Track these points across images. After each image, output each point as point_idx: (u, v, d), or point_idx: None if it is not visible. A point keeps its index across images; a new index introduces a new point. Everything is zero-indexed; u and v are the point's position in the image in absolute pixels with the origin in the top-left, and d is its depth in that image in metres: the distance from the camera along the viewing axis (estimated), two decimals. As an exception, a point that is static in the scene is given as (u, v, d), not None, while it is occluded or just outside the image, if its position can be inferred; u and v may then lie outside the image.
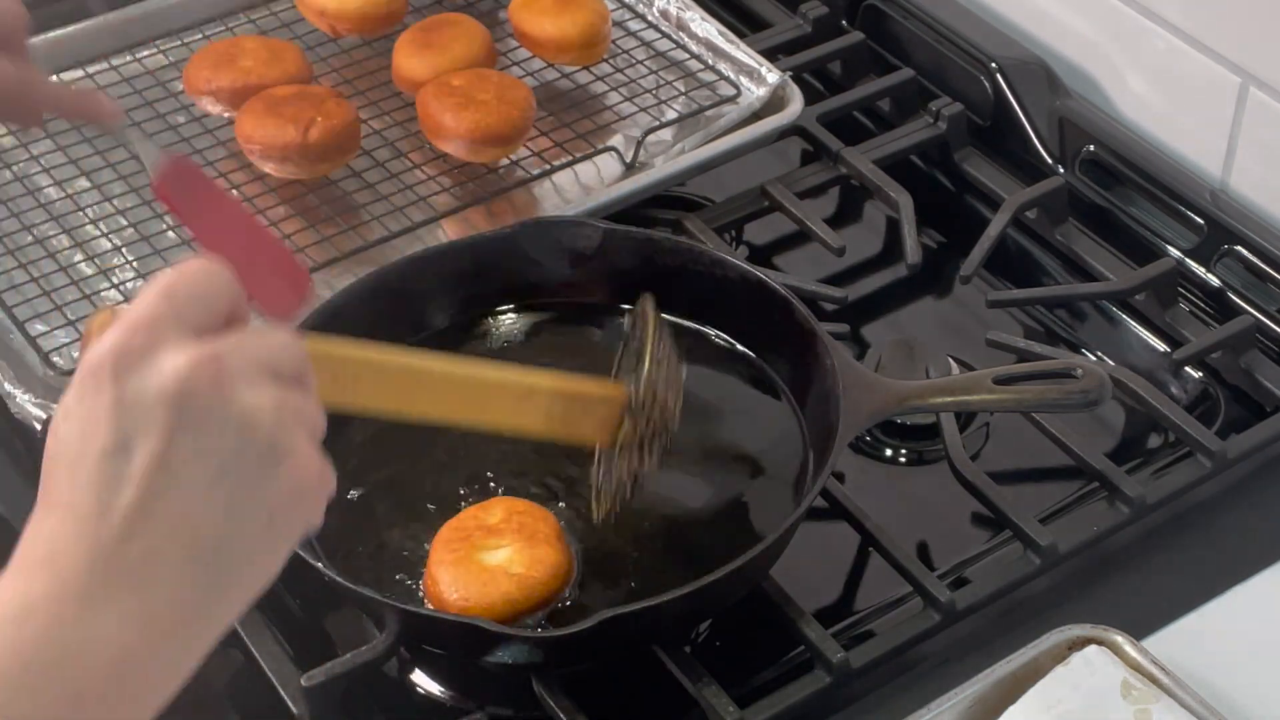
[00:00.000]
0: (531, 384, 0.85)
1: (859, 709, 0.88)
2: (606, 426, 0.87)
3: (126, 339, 0.60)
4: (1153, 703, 0.81)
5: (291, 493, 0.63)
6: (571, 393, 0.86)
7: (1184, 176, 1.15)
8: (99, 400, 0.60)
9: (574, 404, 0.86)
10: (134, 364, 0.60)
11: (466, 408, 0.83)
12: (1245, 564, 0.95)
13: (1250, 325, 1.07)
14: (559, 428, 0.86)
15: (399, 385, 0.79)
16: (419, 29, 1.19)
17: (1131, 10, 1.17)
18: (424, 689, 0.91)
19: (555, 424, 0.86)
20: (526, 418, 0.85)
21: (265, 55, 1.16)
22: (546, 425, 0.85)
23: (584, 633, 0.81)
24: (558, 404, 0.85)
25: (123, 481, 0.59)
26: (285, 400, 0.63)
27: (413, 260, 1.01)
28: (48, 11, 1.29)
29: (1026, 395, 0.92)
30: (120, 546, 0.59)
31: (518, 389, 0.84)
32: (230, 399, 0.61)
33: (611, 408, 0.87)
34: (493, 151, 1.12)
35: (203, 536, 0.60)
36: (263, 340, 0.64)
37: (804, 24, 1.30)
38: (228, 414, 0.61)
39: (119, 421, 0.60)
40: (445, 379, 0.81)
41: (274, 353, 0.64)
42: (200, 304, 0.63)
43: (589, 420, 0.87)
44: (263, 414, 0.62)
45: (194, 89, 1.16)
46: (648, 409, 0.87)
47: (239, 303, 0.65)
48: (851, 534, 0.94)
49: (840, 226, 1.17)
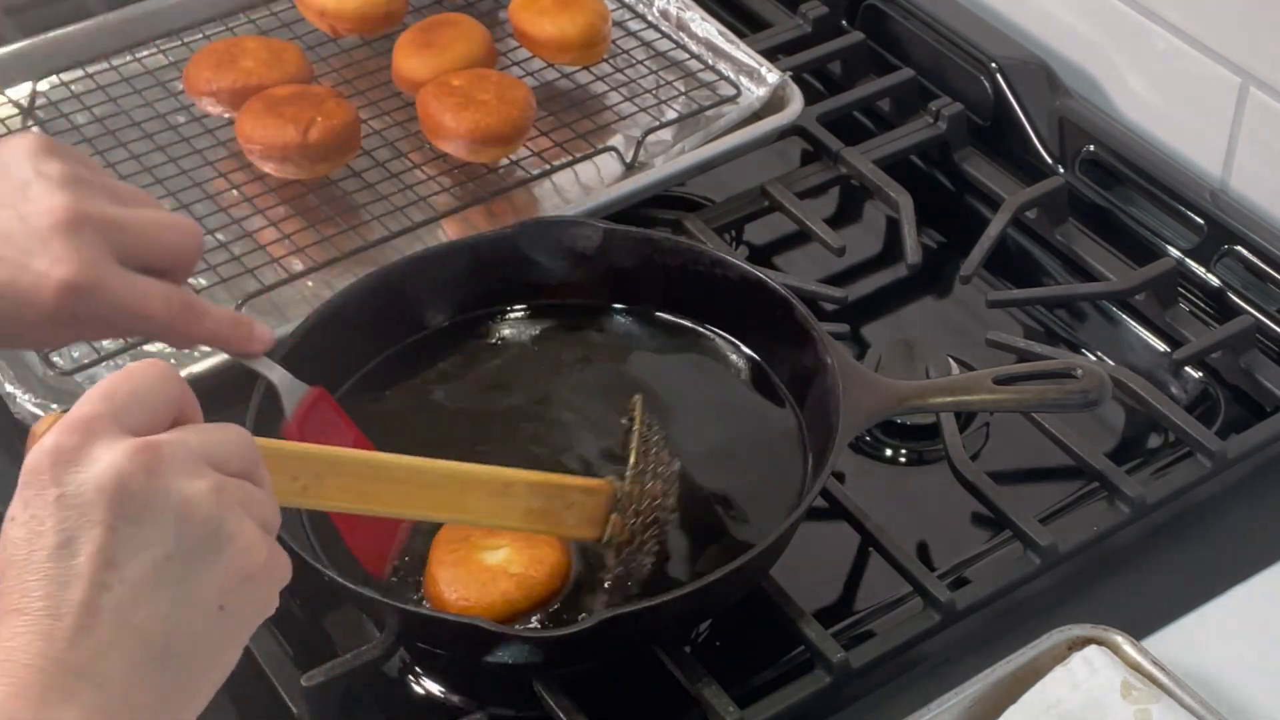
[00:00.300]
0: (508, 479, 0.83)
1: (859, 709, 0.88)
2: (593, 522, 0.86)
3: (64, 438, 0.62)
4: (1153, 703, 0.81)
5: (238, 577, 0.63)
6: (551, 487, 0.85)
7: (1184, 176, 1.15)
8: (41, 500, 0.61)
9: (554, 499, 0.84)
10: (72, 461, 0.61)
11: (439, 504, 0.81)
12: (1245, 564, 0.95)
13: (1250, 325, 1.07)
14: (539, 523, 0.85)
15: (365, 483, 0.77)
16: (419, 29, 1.19)
17: (1131, 10, 1.17)
18: (424, 689, 0.91)
19: (535, 519, 0.84)
20: (504, 514, 0.83)
21: (265, 55, 1.16)
22: (525, 521, 0.84)
23: (584, 633, 0.81)
24: (537, 499, 0.84)
25: (71, 579, 0.60)
26: (225, 486, 0.64)
27: (413, 260, 1.01)
28: (48, 11, 1.29)
29: (1026, 395, 0.92)
30: (72, 646, 0.59)
31: (493, 484, 0.83)
32: (167, 487, 0.62)
33: (596, 502, 0.86)
34: (493, 151, 1.12)
35: (152, 630, 0.61)
36: (207, 435, 0.65)
37: (804, 24, 1.30)
38: (165, 502, 0.62)
39: (61, 519, 0.60)
40: (414, 475, 0.80)
41: (217, 446, 0.65)
42: (141, 405, 0.64)
43: (572, 514, 0.85)
44: (201, 499, 0.62)
45: (194, 89, 1.16)
46: (636, 502, 0.86)
47: (186, 405, 0.66)
48: (851, 534, 0.94)
49: (840, 226, 1.17)
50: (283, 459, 0.73)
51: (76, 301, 0.79)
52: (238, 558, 0.63)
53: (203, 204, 1.12)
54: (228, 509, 0.63)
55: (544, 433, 0.97)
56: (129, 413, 0.63)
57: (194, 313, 0.83)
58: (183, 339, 0.84)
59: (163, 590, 0.61)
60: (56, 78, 1.21)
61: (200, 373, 0.99)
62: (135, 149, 1.16)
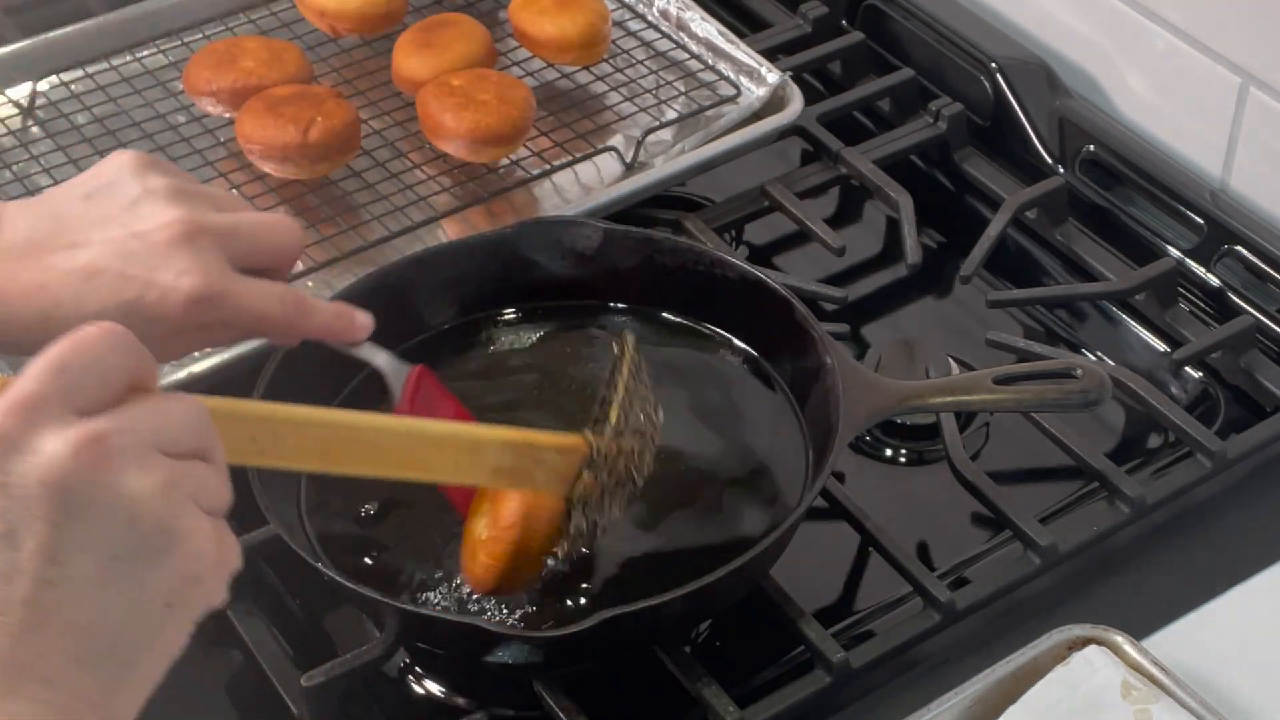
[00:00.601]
0: (479, 438, 0.82)
1: (859, 709, 0.88)
2: (563, 479, 0.83)
3: (7, 422, 0.59)
4: (1153, 703, 0.81)
5: (186, 578, 0.62)
6: (521, 444, 0.82)
7: (1184, 176, 1.15)
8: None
9: (525, 457, 0.82)
10: (15, 448, 0.59)
11: (406, 463, 0.79)
12: (1245, 564, 0.95)
13: (1250, 325, 1.07)
14: (507, 480, 0.83)
15: (326, 442, 0.75)
16: (419, 29, 1.19)
17: (1131, 10, 1.17)
18: (424, 689, 0.91)
19: (503, 477, 0.82)
20: (473, 471, 0.82)
21: (265, 55, 1.16)
22: (493, 479, 0.83)
23: (584, 633, 0.81)
24: (508, 457, 0.82)
25: (14, 574, 0.59)
26: (176, 479, 0.62)
27: (413, 260, 1.01)
28: (48, 11, 1.29)
29: (1026, 395, 0.92)
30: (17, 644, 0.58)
31: (463, 443, 0.81)
32: (113, 485, 0.60)
33: (569, 460, 0.83)
34: (493, 151, 1.12)
35: (97, 630, 0.60)
36: (157, 414, 0.63)
37: (804, 24, 1.30)
38: (112, 501, 0.60)
39: (4, 509, 0.59)
40: (379, 435, 0.78)
41: (168, 428, 0.63)
42: (92, 379, 0.61)
43: (542, 472, 0.83)
44: (150, 499, 0.61)
45: (194, 90, 1.16)
46: (611, 461, 0.84)
47: (142, 369, 0.63)
48: (851, 534, 0.94)
49: (840, 226, 1.17)
50: (240, 421, 0.72)
51: (203, 311, 0.80)
52: (186, 561, 0.62)
53: (203, 204, 1.12)
54: (178, 507, 0.62)
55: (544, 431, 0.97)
56: (78, 390, 0.61)
57: (306, 308, 0.85)
58: (295, 335, 0.86)
59: (108, 589, 0.60)
60: (56, 78, 1.21)
61: (201, 372, 0.99)
62: (135, 149, 1.15)
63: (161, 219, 0.80)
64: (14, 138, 1.17)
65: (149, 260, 0.79)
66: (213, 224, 0.82)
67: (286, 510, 0.89)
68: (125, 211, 0.81)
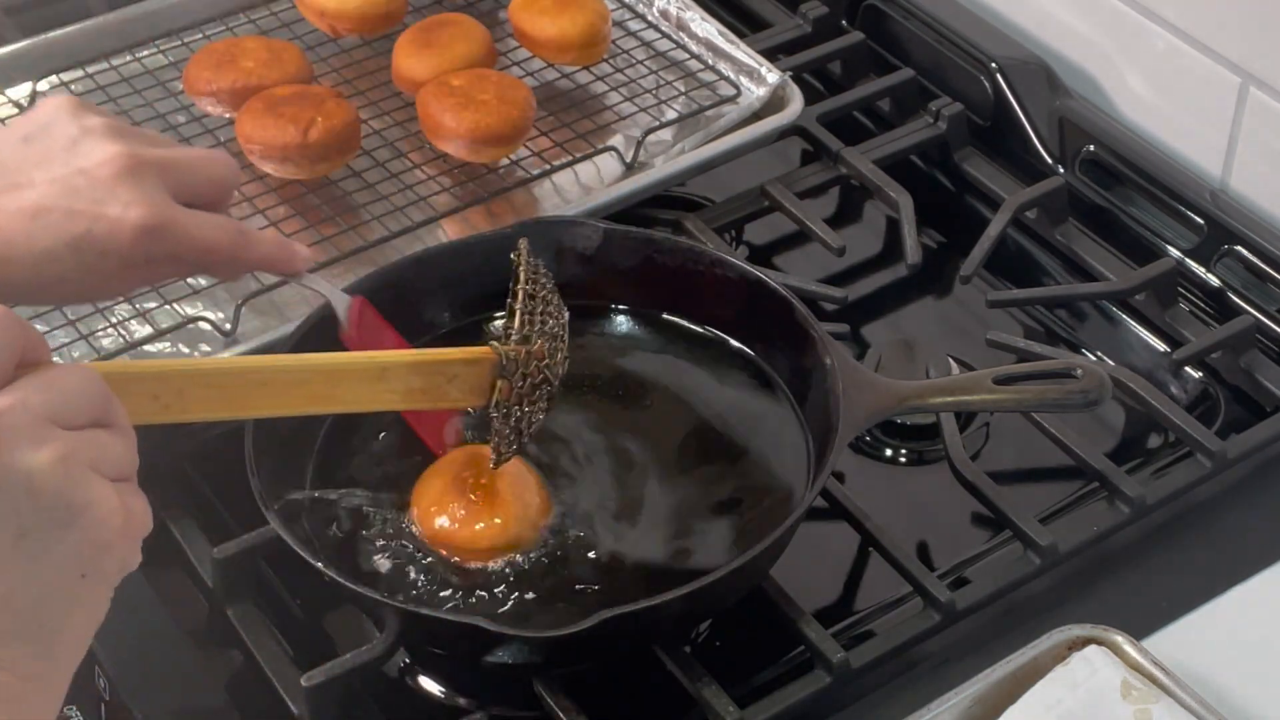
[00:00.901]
0: (384, 362, 0.83)
1: (859, 709, 0.88)
2: (478, 390, 0.85)
3: None
4: (1153, 703, 0.81)
5: (96, 545, 0.63)
6: (429, 363, 0.84)
7: (1184, 176, 1.15)
8: None
9: (435, 375, 0.84)
10: None
11: (314, 399, 0.81)
12: (1245, 564, 0.95)
13: (1250, 325, 1.07)
14: (421, 401, 0.84)
15: (231, 390, 0.77)
16: (419, 29, 1.19)
17: (1131, 10, 1.17)
18: (424, 689, 0.91)
19: (416, 398, 0.84)
20: (384, 397, 0.83)
21: (265, 56, 1.15)
22: (407, 400, 0.84)
23: (584, 633, 0.81)
24: (416, 378, 0.83)
25: None
26: (73, 451, 0.62)
27: (413, 260, 1.01)
28: (48, 11, 1.29)
29: (1026, 395, 0.92)
30: None
31: (368, 371, 0.83)
32: (10, 465, 0.61)
33: (479, 370, 0.85)
34: (493, 151, 1.12)
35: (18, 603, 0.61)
36: (49, 388, 0.63)
37: (804, 24, 1.30)
38: (10, 480, 0.61)
39: None
40: (280, 374, 0.79)
41: (63, 400, 0.63)
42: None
43: (455, 387, 0.84)
44: (48, 473, 0.61)
45: (194, 90, 1.16)
46: (522, 365, 0.85)
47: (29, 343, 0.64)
48: (851, 534, 0.94)
49: (840, 226, 1.17)
50: (138, 381, 0.73)
51: (151, 242, 0.81)
52: (92, 529, 0.63)
53: (203, 204, 1.12)
54: (77, 478, 0.62)
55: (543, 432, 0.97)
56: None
57: (249, 239, 0.86)
58: (241, 267, 0.87)
59: (19, 566, 0.61)
60: (56, 78, 1.20)
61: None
62: (135, 149, 1.15)
63: (103, 154, 0.82)
64: (14, 138, 1.17)
65: (94, 194, 0.81)
66: (153, 157, 0.83)
67: (286, 511, 0.89)
68: (65, 151, 0.82)
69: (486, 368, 0.85)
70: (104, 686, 0.89)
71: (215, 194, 0.87)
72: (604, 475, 0.94)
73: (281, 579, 0.94)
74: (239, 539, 0.91)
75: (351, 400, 0.83)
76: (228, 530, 0.93)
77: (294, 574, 0.93)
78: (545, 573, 0.89)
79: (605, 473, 0.94)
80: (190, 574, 0.93)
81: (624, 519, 0.92)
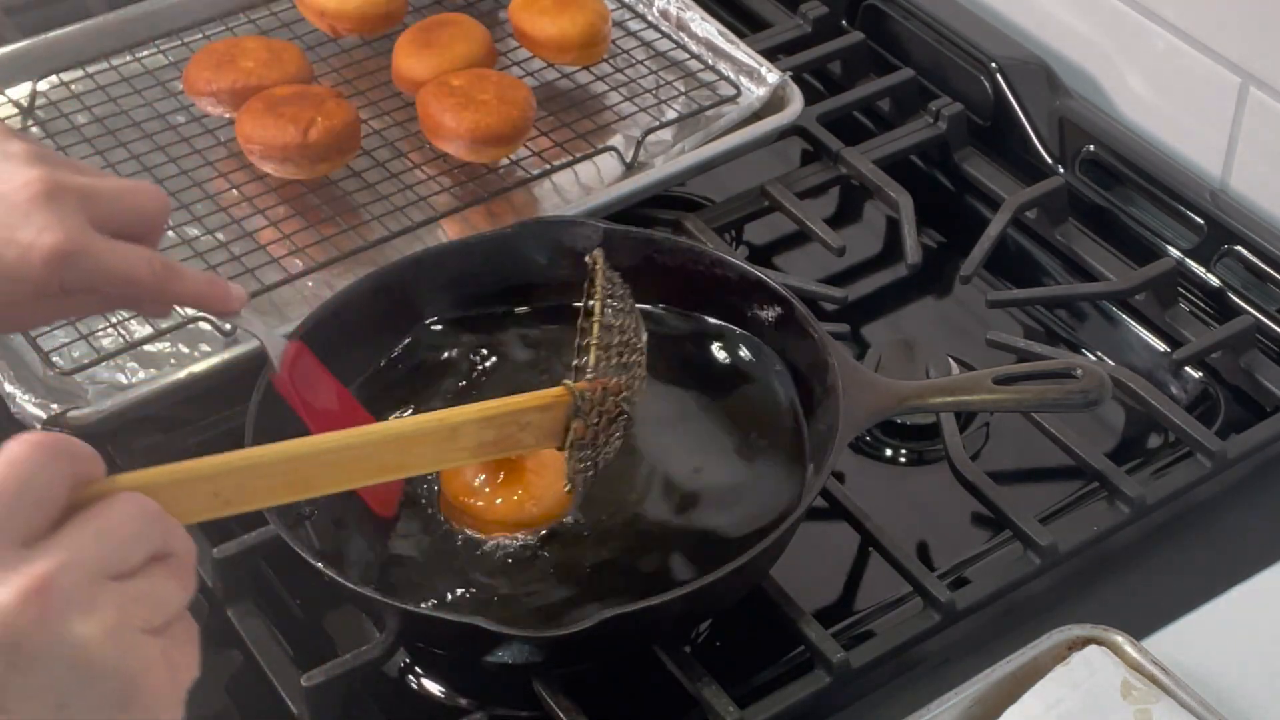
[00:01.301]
0: (454, 423, 0.80)
1: (859, 709, 0.88)
2: (552, 433, 0.82)
3: None
4: (1153, 703, 0.81)
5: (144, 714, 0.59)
6: (502, 415, 0.81)
7: (1184, 176, 1.15)
8: None
9: (507, 425, 0.81)
10: None
11: (385, 468, 0.78)
12: (1245, 564, 0.95)
13: (1250, 325, 1.07)
14: (495, 450, 0.81)
15: (293, 475, 0.73)
16: (419, 29, 1.19)
17: (1131, 10, 1.17)
18: (424, 689, 0.91)
19: (489, 449, 0.81)
20: (455, 455, 0.80)
21: (265, 56, 1.15)
22: (480, 454, 0.81)
23: (584, 633, 0.81)
24: (489, 431, 0.80)
25: None
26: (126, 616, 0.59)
27: (413, 260, 1.01)
28: (48, 11, 1.29)
29: (1026, 395, 0.92)
30: None
31: (438, 433, 0.79)
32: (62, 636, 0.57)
33: (554, 414, 0.82)
34: (493, 151, 1.12)
35: None
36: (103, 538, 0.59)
37: (804, 24, 1.30)
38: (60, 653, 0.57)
39: None
40: (348, 451, 0.75)
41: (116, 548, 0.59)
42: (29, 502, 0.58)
43: (529, 434, 0.82)
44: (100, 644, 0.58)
45: (194, 90, 1.16)
46: (597, 403, 0.83)
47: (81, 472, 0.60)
48: (851, 534, 0.94)
49: (840, 226, 1.17)
50: (199, 482, 0.68)
51: (65, 269, 0.79)
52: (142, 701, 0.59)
53: (203, 204, 1.12)
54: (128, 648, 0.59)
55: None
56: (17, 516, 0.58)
57: (175, 273, 0.84)
58: (165, 301, 0.85)
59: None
60: (56, 78, 1.21)
61: (200, 372, 0.99)
62: (135, 149, 1.16)
63: (21, 179, 0.80)
64: (14, 137, 1.17)
65: (9, 219, 0.79)
66: (73, 183, 0.81)
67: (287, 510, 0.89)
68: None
69: (561, 410, 0.82)
70: (104, 686, 0.89)
71: (142, 226, 0.83)
72: (604, 475, 0.94)
73: (281, 579, 0.94)
74: (239, 539, 0.91)
75: (423, 464, 0.80)
76: (228, 530, 0.93)
77: (294, 574, 0.93)
78: (546, 572, 0.89)
79: (605, 472, 0.94)
80: (190, 574, 0.93)
81: (624, 518, 0.92)
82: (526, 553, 0.90)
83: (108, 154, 1.15)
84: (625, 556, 0.90)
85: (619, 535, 0.91)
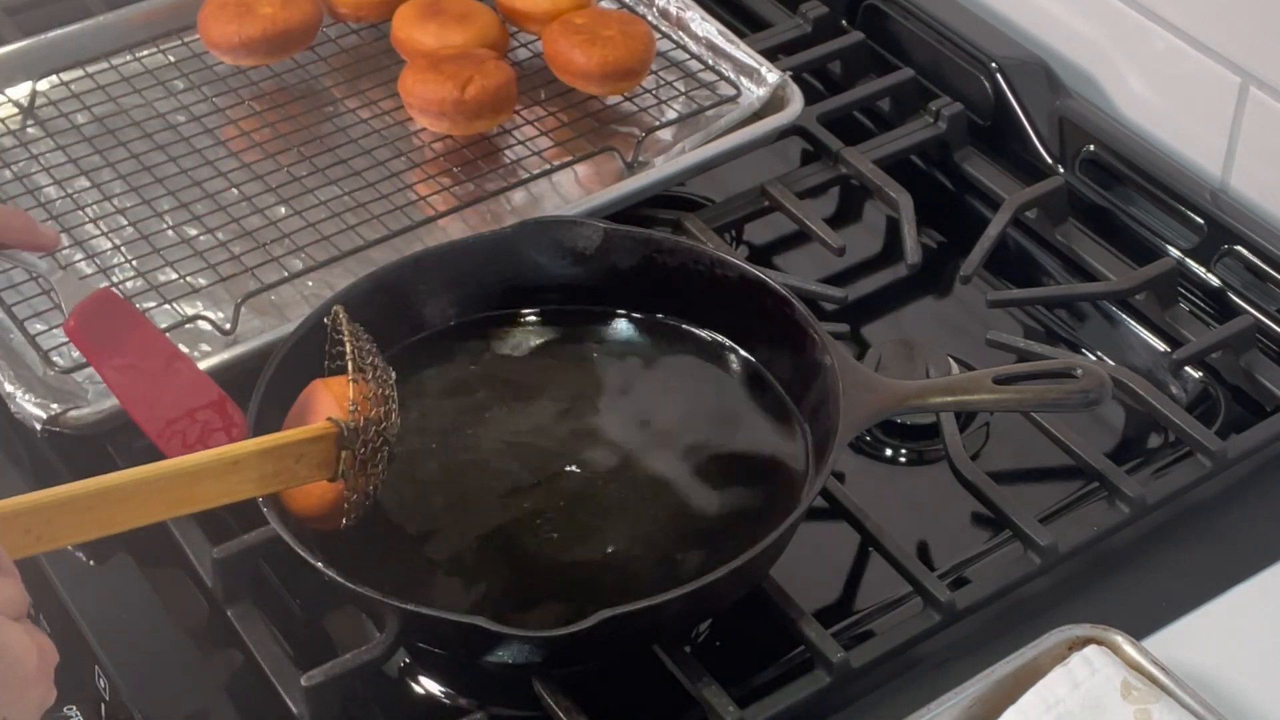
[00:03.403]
0: (235, 456, 0.85)
1: (859, 709, 0.88)
2: (324, 464, 0.87)
3: None
4: (1153, 703, 0.81)
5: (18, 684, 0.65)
6: (276, 448, 0.86)
7: (1184, 176, 1.15)
8: None
9: (284, 457, 0.86)
10: None
11: (176, 503, 0.83)
12: (1245, 564, 0.95)
13: (1250, 325, 1.07)
14: (276, 483, 0.86)
15: (95, 511, 0.79)
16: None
17: (1131, 10, 1.17)
18: (424, 689, 0.91)
19: (270, 481, 0.86)
20: (241, 487, 0.85)
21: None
22: (261, 486, 0.86)
23: (584, 632, 0.81)
24: (268, 463, 0.85)
25: None
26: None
27: (413, 260, 1.01)
28: (48, 11, 1.29)
29: (1026, 395, 0.92)
30: None
31: (221, 466, 0.84)
32: None
33: (323, 446, 0.87)
34: (621, 85, 1.17)
35: None
36: None
37: (804, 24, 1.30)
38: None
39: None
40: (141, 487, 0.81)
41: None
42: None
43: (303, 466, 0.87)
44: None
45: (220, 44, 1.18)
46: (361, 433, 0.87)
47: None
48: (851, 534, 0.94)
49: (840, 226, 1.17)
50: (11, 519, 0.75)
51: None
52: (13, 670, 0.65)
53: (203, 203, 1.12)
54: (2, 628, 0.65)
55: (544, 432, 0.97)
56: None
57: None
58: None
59: None
60: (56, 78, 1.21)
61: (200, 372, 0.99)
62: (135, 149, 1.16)
63: None
64: (14, 138, 1.17)
65: None
66: None
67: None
68: None
69: (329, 442, 0.87)
70: (104, 686, 0.89)
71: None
72: (604, 475, 0.94)
73: (281, 579, 0.94)
74: (239, 539, 0.91)
75: (212, 496, 0.85)
76: (228, 530, 0.93)
77: (294, 574, 0.93)
78: (546, 572, 0.89)
79: (605, 472, 0.94)
80: (190, 574, 0.93)
81: (624, 518, 0.92)
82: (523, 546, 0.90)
83: (108, 154, 1.15)
84: (625, 556, 0.90)
85: (619, 535, 0.91)
